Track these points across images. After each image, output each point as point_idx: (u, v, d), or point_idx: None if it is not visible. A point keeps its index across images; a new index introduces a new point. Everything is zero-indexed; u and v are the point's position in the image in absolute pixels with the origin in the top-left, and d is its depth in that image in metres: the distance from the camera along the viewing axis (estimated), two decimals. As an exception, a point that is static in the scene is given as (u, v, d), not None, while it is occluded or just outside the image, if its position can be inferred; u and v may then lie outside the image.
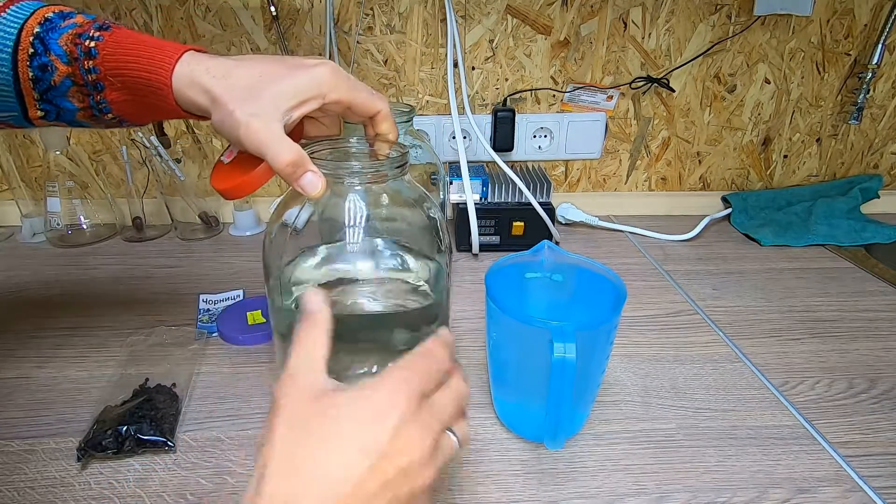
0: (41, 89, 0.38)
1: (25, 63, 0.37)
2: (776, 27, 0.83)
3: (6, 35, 0.37)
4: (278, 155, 0.36)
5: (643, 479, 0.42)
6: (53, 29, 0.37)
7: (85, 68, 0.37)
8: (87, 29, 0.37)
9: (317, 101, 0.38)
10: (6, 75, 0.37)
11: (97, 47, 0.37)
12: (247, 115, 0.35)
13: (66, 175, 0.78)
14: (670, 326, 0.62)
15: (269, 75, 0.37)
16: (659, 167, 0.92)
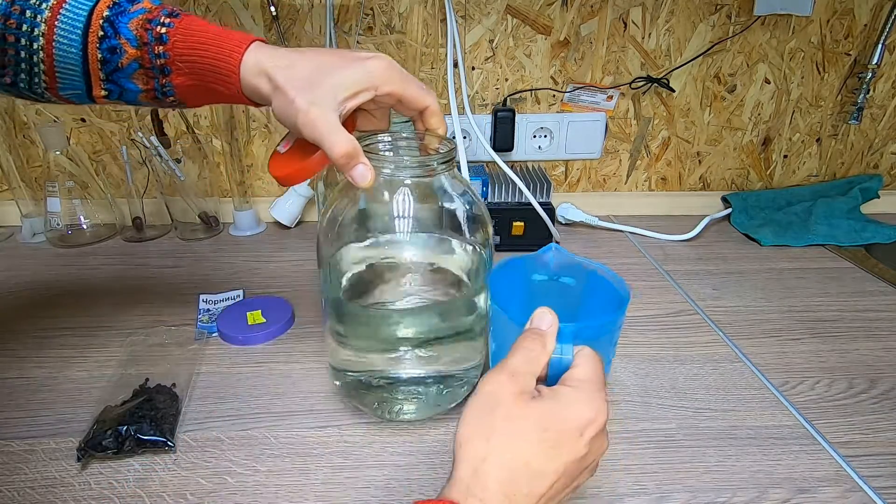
0: (108, 70, 0.39)
1: (95, 45, 0.38)
2: (776, 27, 0.83)
3: (77, 17, 0.38)
4: (334, 145, 0.38)
5: (643, 479, 0.42)
6: (123, 13, 0.39)
7: (154, 53, 0.39)
8: (156, 15, 0.39)
9: (370, 92, 0.39)
10: (75, 55, 0.39)
11: (168, 33, 0.39)
12: (306, 104, 0.37)
13: (66, 175, 0.78)
14: (670, 326, 0.62)
15: (327, 66, 0.39)
16: (659, 167, 0.92)
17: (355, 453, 0.44)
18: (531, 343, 0.34)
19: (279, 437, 0.46)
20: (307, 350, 0.57)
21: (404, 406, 0.46)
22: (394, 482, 0.41)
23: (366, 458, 0.44)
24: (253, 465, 0.43)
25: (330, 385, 0.52)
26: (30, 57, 0.38)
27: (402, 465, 0.43)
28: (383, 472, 0.42)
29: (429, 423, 0.47)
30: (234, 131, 0.83)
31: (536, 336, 0.34)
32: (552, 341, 0.34)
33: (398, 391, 0.46)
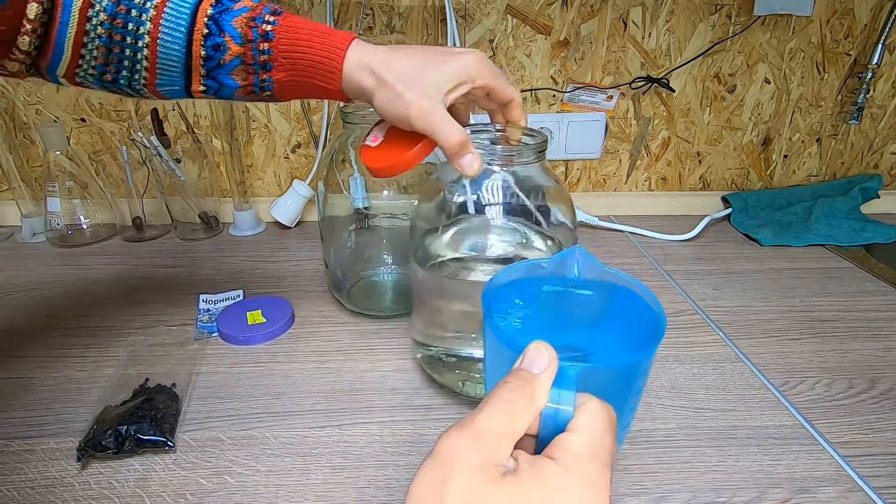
0: (209, 67, 0.41)
1: (199, 42, 0.40)
2: (776, 27, 0.83)
3: (181, 15, 0.39)
4: (450, 136, 0.40)
5: (643, 479, 0.42)
6: (226, 11, 0.40)
7: (259, 49, 0.40)
8: (259, 13, 0.40)
9: (467, 85, 0.41)
10: (178, 52, 0.40)
11: (273, 31, 0.40)
12: (417, 97, 0.39)
13: (66, 175, 0.78)
14: (670, 326, 0.62)
15: (427, 62, 0.41)
16: (659, 167, 0.92)
17: (355, 453, 0.44)
18: (514, 393, 0.25)
19: (279, 437, 0.46)
20: (307, 350, 0.57)
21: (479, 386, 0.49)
22: (394, 482, 0.41)
23: (366, 458, 0.44)
24: (253, 465, 0.43)
25: (330, 385, 0.52)
26: (134, 54, 0.39)
27: (401, 465, 0.43)
28: (383, 471, 0.42)
29: (429, 423, 0.47)
30: (234, 131, 0.83)
31: (523, 383, 0.25)
32: (544, 391, 0.25)
33: (474, 370, 0.48)
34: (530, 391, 0.25)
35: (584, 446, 0.24)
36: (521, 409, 0.24)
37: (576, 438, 0.24)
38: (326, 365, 0.54)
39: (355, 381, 0.52)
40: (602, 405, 0.25)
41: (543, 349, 0.26)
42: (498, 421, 0.24)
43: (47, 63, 0.39)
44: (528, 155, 0.43)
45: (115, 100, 0.81)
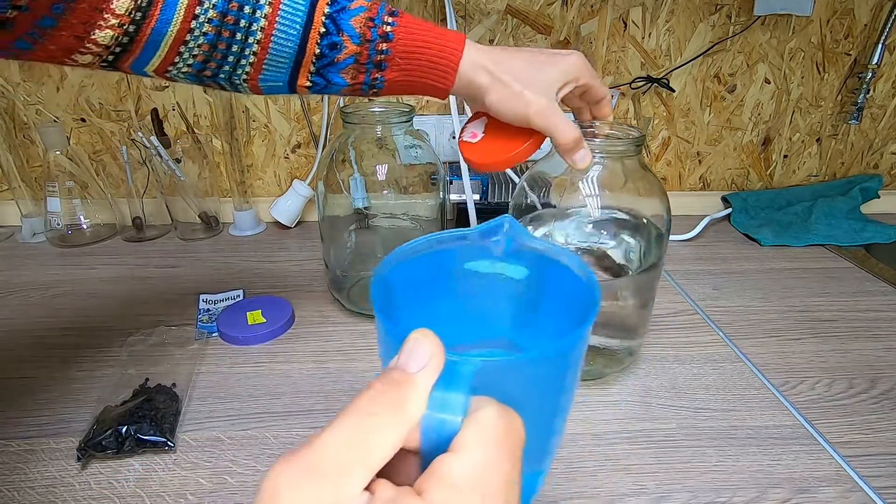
0: (321, 64, 0.41)
1: (315, 41, 0.40)
2: (776, 27, 0.83)
3: (297, 12, 0.39)
4: (566, 132, 0.42)
5: (643, 479, 0.42)
6: (343, 10, 0.40)
7: (377, 50, 0.41)
8: (376, 13, 0.41)
9: (573, 84, 0.44)
10: (291, 49, 0.40)
11: (393, 32, 0.41)
12: (535, 96, 0.41)
13: (66, 175, 0.78)
14: (670, 326, 0.62)
15: (536, 63, 0.43)
16: (659, 167, 0.92)
17: (355, 453, 0.44)
18: (374, 402, 0.18)
19: (279, 437, 0.46)
20: (307, 350, 0.57)
21: None
22: (394, 482, 0.41)
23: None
24: (253, 465, 0.43)
25: (330, 385, 0.52)
26: (242, 50, 0.39)
27: (402, 465, 0.43)
28: (383, 472, 0.42)
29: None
30: (234, 131, 0.83)
31: (390, 387, 0.19)
32: (421, 395, 0.19)
33: None
34: (399, 397, 0.19)
35: (464, 475, 0.17)
36: (382, 424, 0.18)
37: (456, 463, 0.18)
38: (326, 365, 0.54)
39: (355, 381, 0.52)
40: (500, 413, 0.19)
41: (424, 339, 0.20)
42: (344, 444, 0.17)
43: (134, 59, 0.38)
44: (631, 145, 0.46)
45: (115, 100, 0.81)
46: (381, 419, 0.18)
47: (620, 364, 0.53)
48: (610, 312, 0.50)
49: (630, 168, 0.47)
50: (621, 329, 0.51)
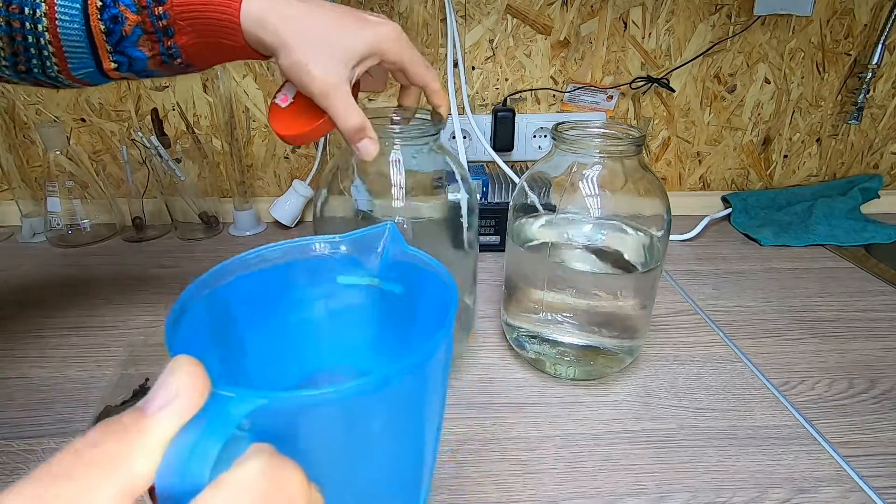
0: (113, 41, 0.39)
1: (96, 17, 0.38)
2: (776, 27, 0.83)
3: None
4: (347, 120, 0.39)
5: (643, 479, 0.42)
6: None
7: (155, 15, 0.38)
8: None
9: (375, 59, 0.39)
10: (78, 30, 0.38)
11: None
12: (321, 70, 0.37)
13: (66, 175, 0.78)
14: (670, 326, 0.62)
15: (338, 26, 0.38)
16: (659, 167, 0.92)
17: (355, 453, 0.44)
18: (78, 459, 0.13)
19: (279, 437, 0.46)
20: (307, 350, 0.57)
21: (559, 367, 0.52)
22: (394, 482, 0.41)
23: (366, 458, 0.44)
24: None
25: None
26: (37, 40, 0.38)
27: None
28: (383, 472, 0.42)
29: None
30: (234, 131, 0.83)
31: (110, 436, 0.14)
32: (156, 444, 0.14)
33: (556, 352, 0.51)
34: (120, 450, 0.14)
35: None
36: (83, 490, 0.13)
37: None
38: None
39: (355, 381, 0.52)
40: (264, 471, 0.15)
41: (176, 369, 0.15)
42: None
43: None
44: (629, 149, 0.45)
45: (115, 99, 0.81)
46: (81, 484, 0.13)
47: (620, 364, 0.53)
48: (610, 312, 0.50)
49: (630, 168, 0.47)
50: (621, 329, 0.51)
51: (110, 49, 0.39)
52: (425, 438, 0.21)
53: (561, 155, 0.48)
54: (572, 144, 0.46)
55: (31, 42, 0.38)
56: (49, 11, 0.37)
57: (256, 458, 0.15)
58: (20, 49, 0.38)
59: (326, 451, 0.17)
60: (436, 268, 0.24)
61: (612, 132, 0.49)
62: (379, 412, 0.18)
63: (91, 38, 0.38)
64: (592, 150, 0.46)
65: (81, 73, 0.40)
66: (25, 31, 0.37)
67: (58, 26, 0.38)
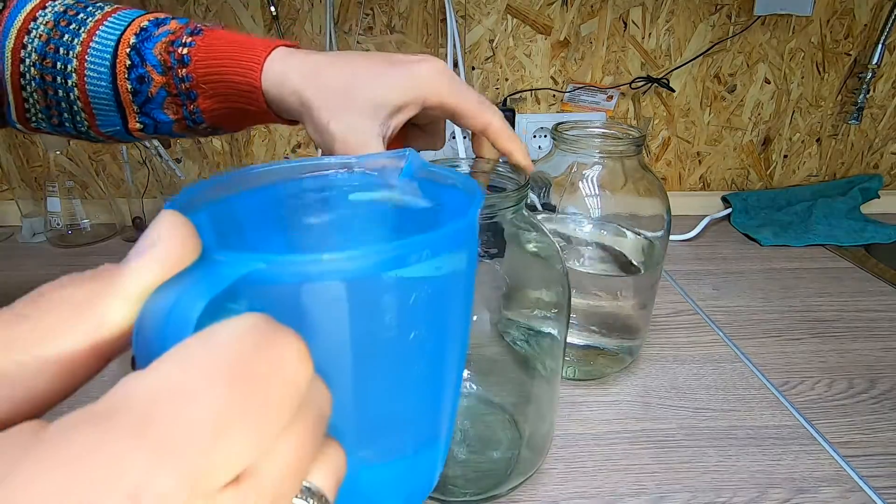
0: (139, 102, 0.37)
1: (124, 75, 0.36)
2: (776, 27, 0.83)
3: (104, 48, 0.36)
4: None
5: (643, 479, 0.42)
6: (148, 38, 0.36)
7: (178, 77, 0.36)
8: (179, 35, 0.35)
9: (415, 107, 0.33)
10: (106, 88, 0.37)
11: (189, 54, 0.35)
12: (342, 128, 0.31)
13: (66, 175, 0.78)
14: (670, 326, 0.62)
15: (363, 74, 0.32)
16: (659, 167, 0.92)
17: (355, 453, 0.44)
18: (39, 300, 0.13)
19: (279, 437, 0.45)
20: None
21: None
22: (394, 482, 0.41)
23: (366, 458, 0.43)
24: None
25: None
26: (67, 95, 0.37)
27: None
28: (383, 472, 0.42)
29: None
30: (234, 131, 0.83)
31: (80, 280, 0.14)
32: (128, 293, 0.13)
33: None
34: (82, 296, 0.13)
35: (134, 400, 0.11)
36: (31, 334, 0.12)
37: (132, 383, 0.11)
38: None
39: (355, 381, 0.52)
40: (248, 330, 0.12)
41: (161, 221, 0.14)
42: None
43: (5, 108, 0.38)
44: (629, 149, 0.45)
45: (115, 100, 0.81)
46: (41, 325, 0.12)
47: (621, 364, 0.53)
48: (610, 312, 0.50)
49: (630, 168, 0.47)
50: (621, 329, 0.51)
51: (136, 110, 0.38)
52: (445, 358, 0.19)
53: (561, 155, 0.48)
54: (572, 144, 0.46)
55: (63, 96, 0.37)
56: (79, 68, 0.36)
57: (250, 315, 0.13)
58: (53, 103, 0.38)
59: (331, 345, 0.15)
60: (458, 180, 0.22)
61: (612, 132, 0.49)
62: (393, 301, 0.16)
63: (118, 97, 0.37)
64: (592, 150, 0.46)
65: (109, 130, 0.39)
66: (57, 85, 0.37)
67: (86, 83, 0.37)
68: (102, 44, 0.36)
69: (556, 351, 0.39)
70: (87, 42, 0.36)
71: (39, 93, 0.37)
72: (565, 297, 0.37)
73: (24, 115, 0.39)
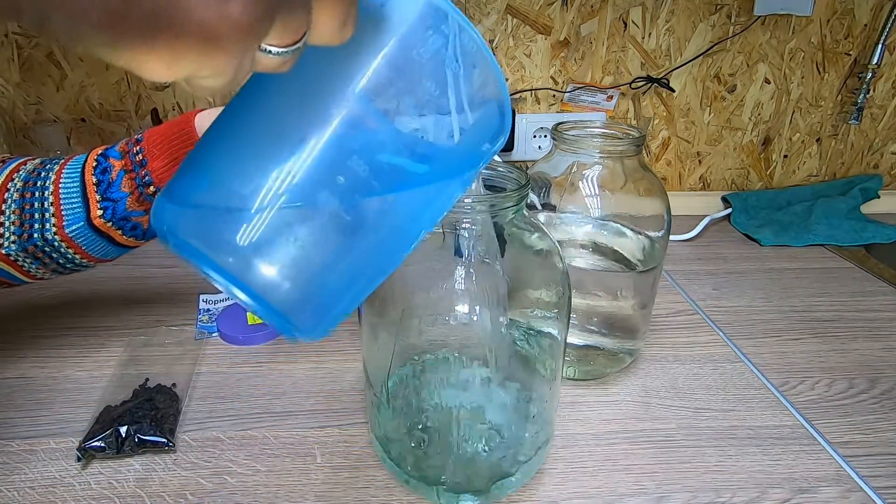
0: (102, 190, 0.46)
1: (90, 172, 0.46)
2: (776, 27, 0.83)
3: (77, 162, 0.47)
4: None
5: (643, 479, 0.42)
6: (110, 147, 0.47)
7: (133, 153, 0.46)
8: (133, 137, 0.47)
9: None
10: (76, 185, 0.46)
11: (142, 135, 0.46)
12: None
13: (66, 175, 0.78)
14: (670, 326, 0.62)
15: None
16: (659, 167, 0.92)
17: (355, 453, 0.44)
18: None
19: (279, 437, 0.46)
20: (307, 350, 0.57)
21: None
22: (393, 482, 0.41)
23: (366, 458, 0.44)
24: (253, 465, 0.43)
25: (330, 385, 0.52)
26: (42, 204, 0.46)
27: (402, 465, 0.43)
28: (383, 471, 0.42)
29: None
30: (234, 131, 0.83)
31: None
32: None
33: None
34: None
35: None
36: None
37: None
38: (326, 365, 0.54)
39: (355, 381, 0.52)
40: None
41: None
42: None
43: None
44: (629, 149, 0.45)
45: (115, 100, 0.81)
46: None
47: (621, 364, 0.53)
48: (610, 312, 0.50)
49: (630, 168, 0.47)
50: (621, 329, 0.51)
51: (99, 198, 0.46)
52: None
53: (561, 155, 0.48)
54: (572, 144, 0.46)
55: (38, 207, 0.46)
56: (56, 179, 0.46)
57: None
58: (27, 217, 0.46)
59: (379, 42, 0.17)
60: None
61: (612, 132, 0.49)
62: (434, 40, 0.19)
63: (84, 190, 0.46)
64: (592, 150, 0.46)
65: (73, 229, 0.46)
66: (34, 199, 0.46)
67: (60, 187, 0.46)
68: (75, 161, 0.47)
69: (556, 351, 0.39)
70: (63, 165, 0.47)
71: (17, 212, 0.45)
72: (565, 297, 0.37)
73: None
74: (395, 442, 0.40)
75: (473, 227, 0.33)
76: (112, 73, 0.79)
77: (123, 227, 0.49)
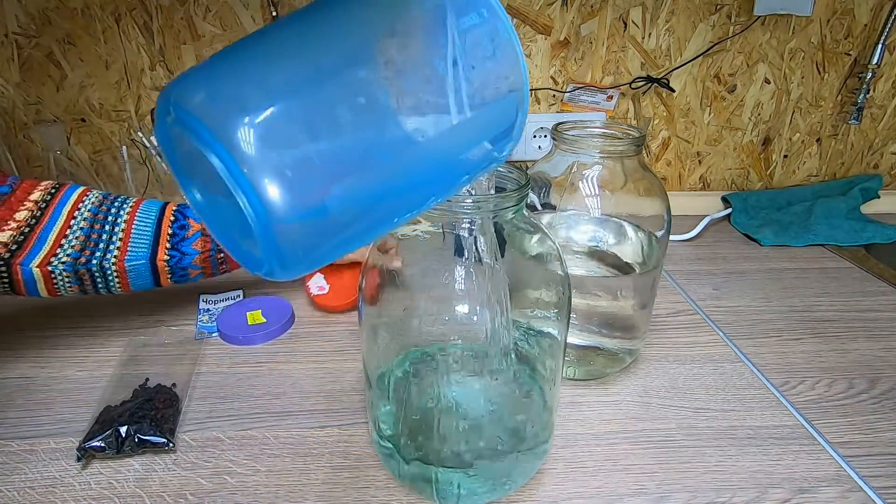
0: (175, 241, 0.52)
1: (168, 223, 0.52)
2: (776, 27, 0.83)
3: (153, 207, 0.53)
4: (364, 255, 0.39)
5: (643, 479, 0.42)
6: (187, 207, 0.52)
7: None
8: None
9: None
10: (150, 227, 0.51)
11: None
12: None
13: (66, 175, 0.78)
14: (670, 326, 0.62)
15: None
16: (659, 167, 0.92)
17: (355, 453, 0.44)
18: None
19: (279, 437, 0.46)
20: (307, 350, 0.57)
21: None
22: (393, 482, 0.41)
23: (366, 458, 0.44)
24: (253, 465, 0.43)
25: (330, 385, 0.52)
26: (111, 237, 0.50)
27: (402, 465, 0.43)
28: (383, 471, 0.42)
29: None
30: (234, 131, 0.83)
31: None
32: None
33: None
34: None
35: None
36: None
37: None
38: (326, 365, 0.54)
39: (355, 381, 0.52)
40: None
41: None
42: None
43: (25, 254, 0.48)
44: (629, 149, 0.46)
45: (115, 99, 0.81)
46: None
47: (621, 364, 0.53)
48: (610, 312, 0.50)
49: (630, 168, 0.47)
50: (621, 329, 0.51)
51: (169, 246, 0.52)
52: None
53: (561, 155, 0.48)
54: (572, 144, 0.46)
55: (105, 238, 0.50)
56: (131, 213, 0.51)
57: None
58: (91, 245, 0.49)
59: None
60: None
61: (612, 132, 0.49)
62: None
63: (157, 236, 0.51)
64: (592, 150, 0.46)
65: (132, 264, 0.51)
66: (104, 231, 0.50)
67: (133, 225, 0.51)
68: (150, 206, 0.52)
69: (557, 351, 0.39)
70: (136, 205, 0.52)
71: (81, 238, 0.49)
72: (565, 297, 0.37)
73: (50, 258, 0.48)
74: (396, 441, 0.40)
75: (473, 227, 0.33)
76: (112, 73, 0.79)
77: (176, 273, 0.54)
